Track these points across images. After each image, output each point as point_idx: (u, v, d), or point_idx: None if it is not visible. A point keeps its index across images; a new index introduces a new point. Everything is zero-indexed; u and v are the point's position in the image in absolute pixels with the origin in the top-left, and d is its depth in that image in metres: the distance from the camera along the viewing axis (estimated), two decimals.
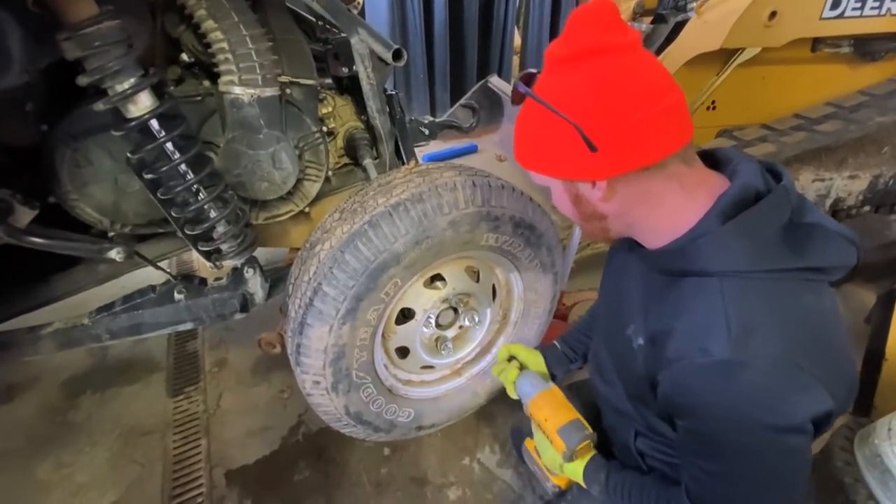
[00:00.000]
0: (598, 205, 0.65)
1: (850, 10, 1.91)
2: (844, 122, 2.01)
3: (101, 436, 1.52)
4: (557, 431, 0.85)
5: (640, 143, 0.58)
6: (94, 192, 1.09)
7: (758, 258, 0.57)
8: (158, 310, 1.23)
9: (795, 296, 0.58)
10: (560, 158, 0.62)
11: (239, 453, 1.47)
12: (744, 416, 0.56)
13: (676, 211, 0.62)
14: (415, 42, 3.31)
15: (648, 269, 0.69)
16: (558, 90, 0.60)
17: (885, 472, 1.06)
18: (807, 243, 0.59)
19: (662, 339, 0.62)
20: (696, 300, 0.60)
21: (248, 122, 1.14)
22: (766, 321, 0.56)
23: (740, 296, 0.57)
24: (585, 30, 0.57)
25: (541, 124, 0.62)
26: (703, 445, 0.61)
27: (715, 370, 0.56)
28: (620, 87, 0.57)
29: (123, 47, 0.90)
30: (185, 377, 1.72)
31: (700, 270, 0.60)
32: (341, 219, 1.05)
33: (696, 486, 0.65)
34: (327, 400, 1.13)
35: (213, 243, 1.15)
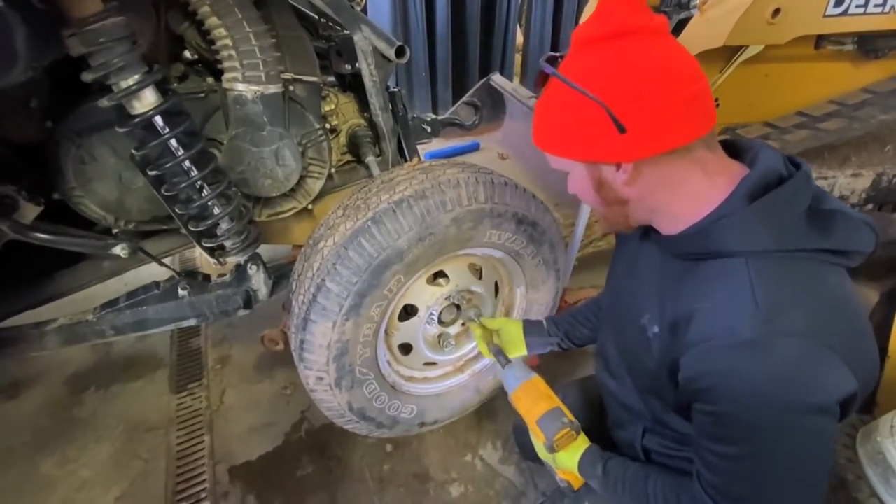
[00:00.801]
0: (622, 189, 0.65)
1: (854, 7, 1.90)
2: (847, 120, 2.00)
3: (105, 431, 1.53)
4: (536, 422, 0.84)
5: (669, 125, 0.58)
6: (99, 188, 1.10)
7: (783, 238, 0.58)
8: (162, 306, 1.24)
9: (821, 277, 0.58)
10: (586, 140, 0.61)
11: (242, 449, 1.48)
12: (772, 396, 0.54)
13: (699, 195, 0.62)
14: (417, 40, 3.31)
15: (667, 255, 0.68)
16: (587, 71, 0.59)
17: (887, 468, 1.06)
18: (829, 226, 0.59)
19: (685, 322, 0.61)
20: (720, 281, 0.59)
21: (252, 118, 1.14)
22: (793, 300, 0.56)
23: (767, 275, 0.57)
24: (617, 11, 0.58)
25: (566, 106, 0.61)
26: (726, 429, 0.59)
27: (743, 349, 0.55)
28: (651, 69, 0.57)
29: (128, 44, 0.90)
30: (189, 374, 1.72)
31: (724, 251, 0.59)
32: (345, 215, 1.06)
33: (712, 475, 0.63)
34: (330, 396, 1.13)
35: (217, 240, 1.15)
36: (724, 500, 0.62)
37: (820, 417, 0.55)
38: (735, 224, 0.59)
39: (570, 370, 1.67)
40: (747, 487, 0.60)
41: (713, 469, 0.62)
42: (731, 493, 0.61)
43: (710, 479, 0.63)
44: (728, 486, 0.61)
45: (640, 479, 0.74)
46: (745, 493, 0.61)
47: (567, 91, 0.60)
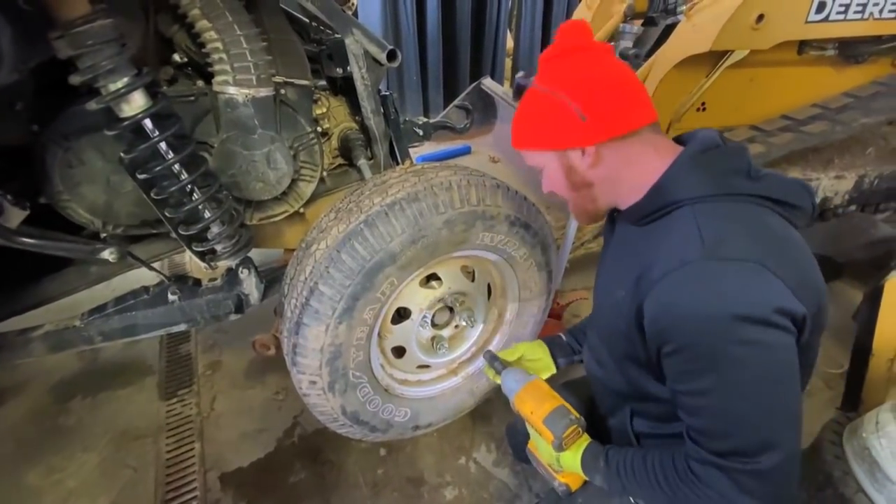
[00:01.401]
0: (588, 172, 0.76)
1: (835, 13, 1.95)
2: (830, 124, 2.05)
3: (92, 440, 1.50)
4: (543, 421, 0.84)
5: (619, 113, 0.71)
6: (87, 192, 1.08)
7: (722, 184, 0.67)
8: (152, 311, 1.23)
9: (760, 216, 0.67)
10: (555, 131, 0.74)
11: (233, 456, 1.46)
12: (720, 313, 0.59)
13: (652, 168, 0.73)
14: (408, 44, 3.32)
15: (629, 227, 0.78)
16: (551, 77, 0.74)
17: (873, 464, 1.08)
18: (764, 179, 0.69)
19: (647, 272, 0.68)
20: (672, 228, 0.68)
21: (243, 122, 1.14)
22: (735, 231, 0.64)
23: (710, 215, 0.66)
24: (569, 36, 0.74)
25: (537, 107, 0.76)
26: (690, 363, 0.63)
27: (691, 274, 0.62)
28: (600, 72, 0.72)
29: (116, 46, 0.90)
30: (178, 380, 1.70)
31: (673, 201, 0.69)
32: (337, 218, 1.05)
33: (694, 419, 0.66)
34: (324, 400, 1.12)
35: (208, 244, 1.14)
36: (710, 440, 0.65)
37: (767, 329, 0.59)
38: (680, 177, 0.69)
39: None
40: (724, 419, 0.63)
41: (692, 412, 0.66)
42: (714, 431, 0.64)
43: (694, 423, 0.67)
44: (709, 425, 0.65)
45: (638, 458, 0.77)
46: (724, 426, 0.63)
47: (538, 95, 0.75)
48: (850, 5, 1.95)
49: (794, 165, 2.09)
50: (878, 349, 1.36)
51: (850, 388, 1.44)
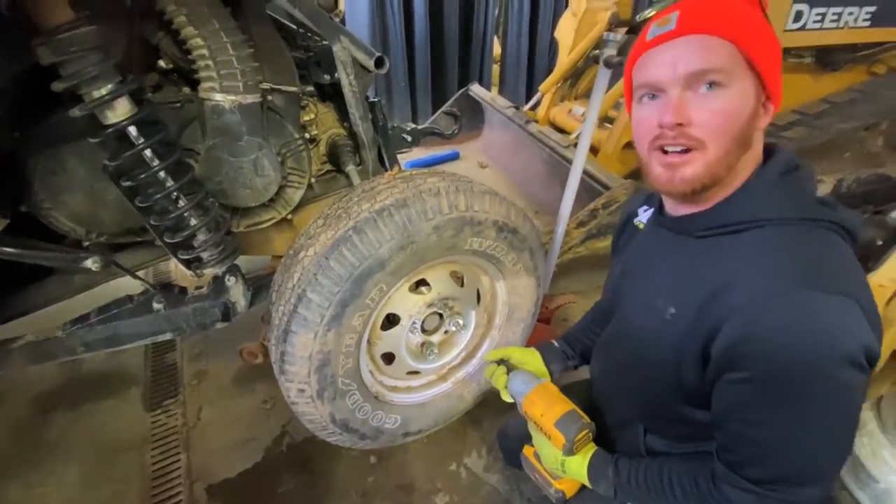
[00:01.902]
0: (755, 134, 0.64)
1: (812, 22, 2.02)
2: (809, 129, 2.11)
3: (74, 453, 1.47)
4: (555, 424, 0.82)
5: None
6: (69, 200, 1.07)
7: (806, 208, 0.63)
8: (136, 320, 1.21)
9: (838, 244, 0.63)
10: (777, 64, 0.64)
11: (221, 467, 1.44)
12: (816, 350, 0.55)
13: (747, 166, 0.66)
14: (396, 50, 3.33)
15: (683, 237, 0.71)
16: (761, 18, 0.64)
17: (855, 462, 1.10)
18: (835, 207, 0.65)
19: (723, 292, 0.61)
20: (756, 247, 0.62)
21: (230, 128, 1.13)
22: (827, 262, 0.59)
23: (799, 239, 0.61)
24: None
25: (766, 23, 0.63)
26: (763, 394, 0.59)
27: (782, 307, 0.56)
28: None
29: (100, 53, 0.89)
30: (164, 390, 1.67)
31: (755, 219, 0.63)
32: (325, 225, 1.05)
33: (742, 447, 0.63)
34: (312, 408, 1.11)
35: (194, 251, 1.13)
36: (752, 468, 0.62)
37: (852, 370, 0.56)
38: (767, 194, 0.64)
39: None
40: (779, 451, 0.60)
41: (743, 441, 0.62)
42: (762, 460, 0.61)
43: (746, 453, 0.63)
44: (758, 454, 0.61)
45: (653, 471, 0.74)
46: (776, 457, 0.61)
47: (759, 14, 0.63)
48: (826, 14, 2.02)
49: None
50: None
51: None
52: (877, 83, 2.33)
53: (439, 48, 3.54)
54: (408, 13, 3.29)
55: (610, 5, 2.55)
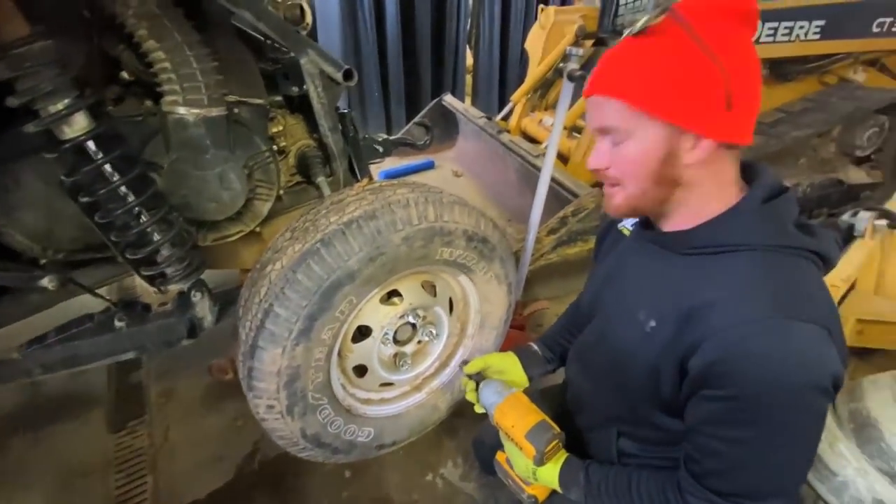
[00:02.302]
0: (684, 169, 0.64)
1: (765, 36, 2.12)
2: (765, 137, 2.20)
3: (34, 480, 1.40)
4: (525, 436, 0.83)
5: (752, 119, 0.63)
6: (24, 217, 1.03)
7: (787, 236, 0.64)
8: (97, 339, 1.17)
9: (813, 272, 0.65)
10: (691, 103, 0.60)
11: (189, 488, 1.39)
12: (785, 376, 0.58)
13: (726, 193, 0.67)
14: (369, 61, 3.35)
15: (667, 252, 0.71)
16: (719, 39, 0.59)
17: (818, 461, 1.14)
18: (814, 234, 0.66)
19: (704, 311, 0.63)
20: (736, 271, 0.63)
21: (194, 142, 1.12)
22: (803, 290, 0.62)
23: (778, 266, 0.62)
24: None
25: (680, 62, 0.59)
26: (738, 412, 0.61)
27: (761, 333, 0.59)
28: (756, 62, 0.61)
29: (56, 67, 0.87)
30: (129, 411, 1.61)
31: (739, 243, 0.64)
32: (293, 238, 1.05)
33: (707, 461, 0.65)
34: (283, 424, 1.10)
35: (158, 267, 1.11)
36: (718, 481, 0.65)
37: (823, 397, 0.60)
38: (750, 219, 0.64)
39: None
40: (745, 466, 0.63)
41: (711, 453, 0.65)
42: (728, 474, 0.64)
43: (712, 466, 0.65)
44: (725, 468, 0.64)
45: (622, 480, 0.76)
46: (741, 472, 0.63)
47: (687, 46, 0.59)
48: (778, 28, 2.12)
49: None
50: None
51: None
52: (828, 93, 2.46)
53: (412, 58, 3.58)
54: (379, 24, 3.32)
55: (577, 18, 2.63)
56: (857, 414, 1.10)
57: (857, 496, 1.06)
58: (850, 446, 1.10)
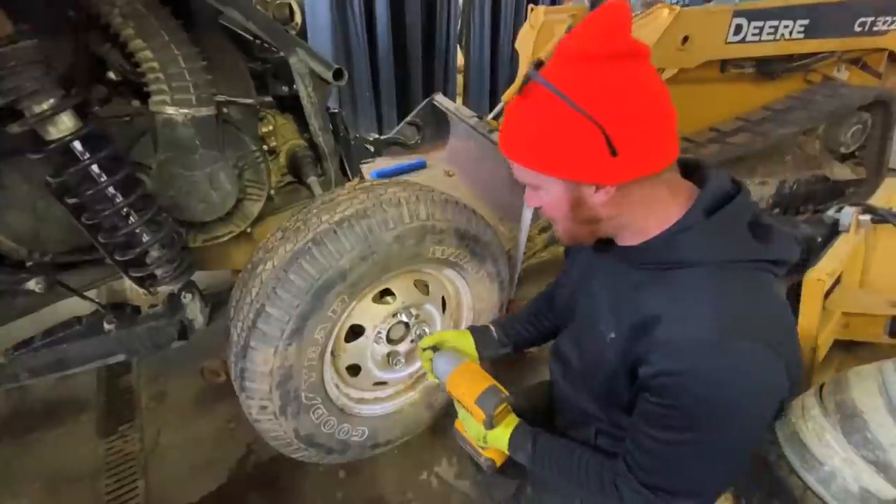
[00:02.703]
0: (598, 209, 0.66)
1: (751, 35, 2.15)
2: (752, 135, 2.23)
3: (21, 486, 1.38)
4: (475, 402, 0.86)
5: (655, 151, 0.61)
6: (9, 219, 1.02)
7: (735, 249, 0.63)
8: (85, 342, 1.15)
9: (764, 285, 0.64)
10: (575, 160, 0.61)
11: (181, 492, 1.38)
12: (725, 395, 0.60)
13: (664, 211, 0.66)
14: (359, 60, 3.34)
15: (624, 265, 0.72)
16: (585, 88, 0.58)
17: (802, 446, 1.16)
18: (769, 239, 0.65)
19: (651, 324, 0.65)
20: (683, 288, 0.64)
21: (183, 142, 1.11)
22: (748, 307, 0.62)
23: (722, 283, 0.62)
24: (615, 29, 0.57)
25: (554, 121, 0.59)
26: (675, 420, 0.63)
27: (703, 351, 0.60)
28: (645, 94, 0.58)
29: (41, 67, 0.86)
30: (119, 415, 1.59)
31: (685, 261, 0.64)
32: (284, 238, 1.04)
33: (644, 456, 0.68)
34: (276, 425, 1.09)
35: (147, 269, 1.10)
36: (647, 474, 0.68)
37: (761, 415, 0.62)
38: (692, 237, 0.64)
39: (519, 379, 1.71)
40: (674, 466, 0.66)
41: (648, 452, 0.67)
42: (661, 472, 0.67)
43: (642, 460, 0.68)
44: (655, 464, 0.67)
45: (566, 454, 0.80)
46: (669, 471, 0.67)
47: (557, 105, 0.58)
48: (763, 28, 2.16)
49: None
50: (801, 340, 1.47)
51: None
52: (812, 90, 2.50)
53: (403, 58, 3.57)
54: (370, 24, 3.31)
55: (566, 18, 2.65)
56: (843, 405, 1.12)
57: (844, 486, 1.08)
58: (837, 437, 1.12)
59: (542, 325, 1.05)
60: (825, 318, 1.51)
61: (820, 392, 1.21)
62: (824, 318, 1.50)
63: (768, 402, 0.62)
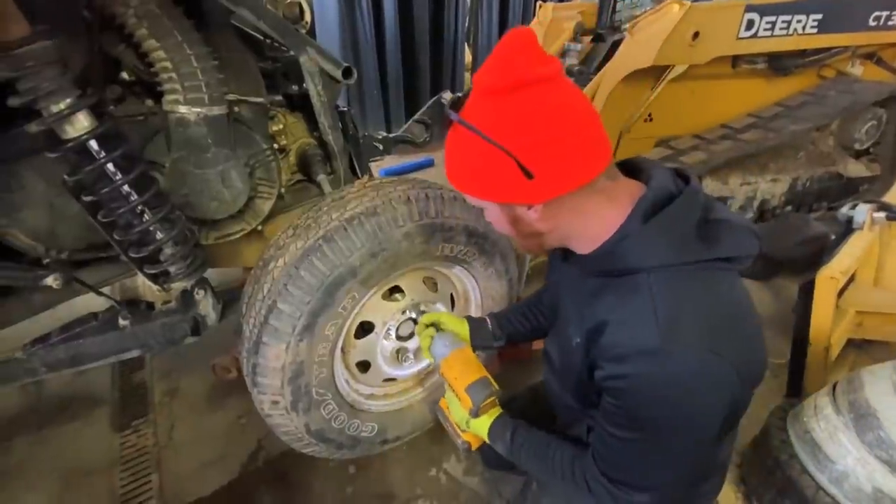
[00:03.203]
0: (535, 224, 0.69)
1: (763, 30, 2.12)
2: (764, 131, 2.21)
3: (38, 480, 1.41)
4: (465, 389, 0.90)
5: (574, 167, 0.62)
6: (28, 216, 1.04)
7: (678, 252, 0.64)
8: (101, 338, 1.18)
9: (713, 285, 0.65)
10: (497, 185, 0.64)
11: (194, 486, 1.40)
12: (667, 399, 0.63)
13: (605, 219, 0.67)
14: (367, 59, 3.35)
15: (582, 272, 0.74)
16: (493, 120, 0.61)
17: (814, 446, 1.15)
18: (718, 236, 0.65)
19: (599, 331, 0.68)
20: (626, 296, 0.66)
21: (195, 141, 1.12)
22: (689, 312, 0.62)
23: (665, 289, 0.63)
24: (515, 60, 0.59)
25: (475, 152, 0.63)
26: (625, 419, 0.67)
27: (645, 357, 0.62)
28: (553, 116, 0.60)
29: (58, 67, 0.87)
30: (133, 410, 1.62)
31: (628, 268, 0.66)
32: (295, 235, 1.05)
33: (605, 450, 0.73)
34: (287, 420, 1.10)
35: (161, 265, 1.11)
36: (607, 466, 0.73)
37: (706, 416, 0.64)
38: (633, 244, 0.65)
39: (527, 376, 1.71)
40: (627, 460, 0.71)
41: (607, 446, 0.72)
42: (613, 463, 0.72)
43: (603, 453, 0.73)
44: (612, 457, 0.72)
45: (542, 445, 0.84)
46: (623, 464, 0.72)
47: (475, 137, 0.62)
48: (775, 23, 2.13)
49: (734, 170, 2.24)
50: (814, 338, 1.46)
51: (793, 376, 1.54)
52: (826, 86, 2.46)
53: (411, 56, 3.58)
54: (378, 22, 3.32)
55: (574, 15, 2.64)
56: (857, 404, 1.11)
57: (856, 485, 1.07)
58: (850, 436, 1.11)
59: (535, 321, 1.08)
60: (839, 317, 1.49)
61: (833, 391, 1.20)
62: (838, 316, 1.48)
63: (712, 403, 0.63)
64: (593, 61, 2.53)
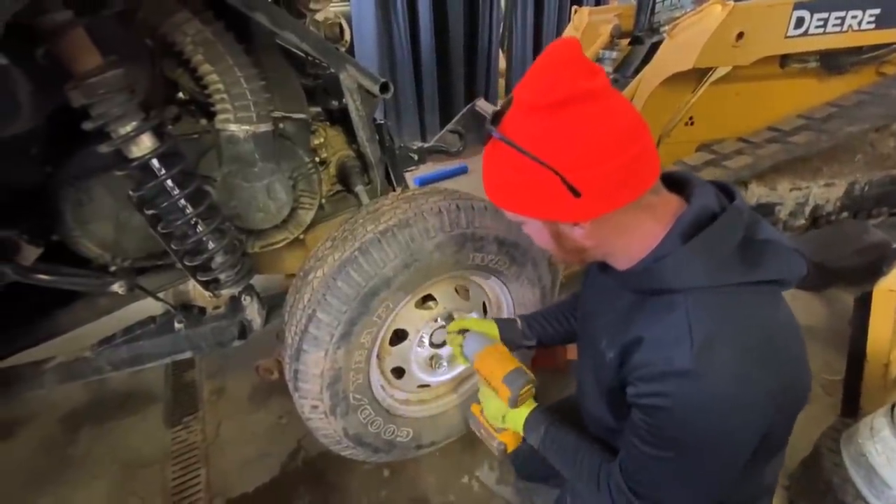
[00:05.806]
0: (579, 241, 0.68)
1: (814, 27, 2.02)
2: (816, 133, 2.09)
3: (100, 470, 1.53)
4: (502, 380, 0.91)
5: (620, 185, 0.60)
6: (97, 228, 1.14)
7: (717, 274, 0.62)
8: (158, 340, 1.27)
9: (753, 308, 0.64)
10: (542, 202, 0.63)
11: (239, 481, 1.48)
12: (696, 422, 0.62)
13: (646, 236, 0.67)
14: (403, 70, 3.42)
15: (619, 288, 0.74)
16: (537, 137, 0.59)
17: (870, 470, 1.09)
18: (761, 258, 0.64)
19: (634, 347, 0.68)
20: (663, 315, 0.65)
21: (244, 156, 1.19)
22: (726, 335, 0.61)
23: (702, 310, 0.62)
24: (560, 75, 0.57)
25: (518, 168, 0.62)
26: (655, 438, 0.67)
27: (677, 378, 0.62)
28: (601, 133, 0.58)
29: (126, 94, 0.96)
30: (184, 407, 1.73)
31: (666, 288, 0.65)
32: (333, 246, 1.10)
33: (632, 464, 0.73)
34: (326, 423, 1.15)
35: (212, 273, 1.19)
36: (634, 483, 0.73)
37: (733, 444, 0.64)
38: (671, 264, 0.63)
39: (561, 388, 1.69)
40: (654, 477, 0.71)
41: (634, 460, 0.72)
42: (641, 480, 0.72)
43: (628, 464, 0.73)
44: (640, 475, 0.72)
45: (571, 447, 0.86)
46: (650, 481, 0.71)
47: (517, 154, 0.60)
48: (828, 19, 2.01)
49: (783, 175, 2.13)
50: (872, 355, 1.37)
51: (848, 394, 1.45)
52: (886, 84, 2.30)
53: (445, 65, 3.62)
54: (413, 31, 3.38)
55: (612, 18, 2.60)
56: None
57: None
58: None
59: (567, 324, 1.08)
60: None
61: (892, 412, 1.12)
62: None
63: (741, 429, 0.63)
64: (631, 65, 2.48)
